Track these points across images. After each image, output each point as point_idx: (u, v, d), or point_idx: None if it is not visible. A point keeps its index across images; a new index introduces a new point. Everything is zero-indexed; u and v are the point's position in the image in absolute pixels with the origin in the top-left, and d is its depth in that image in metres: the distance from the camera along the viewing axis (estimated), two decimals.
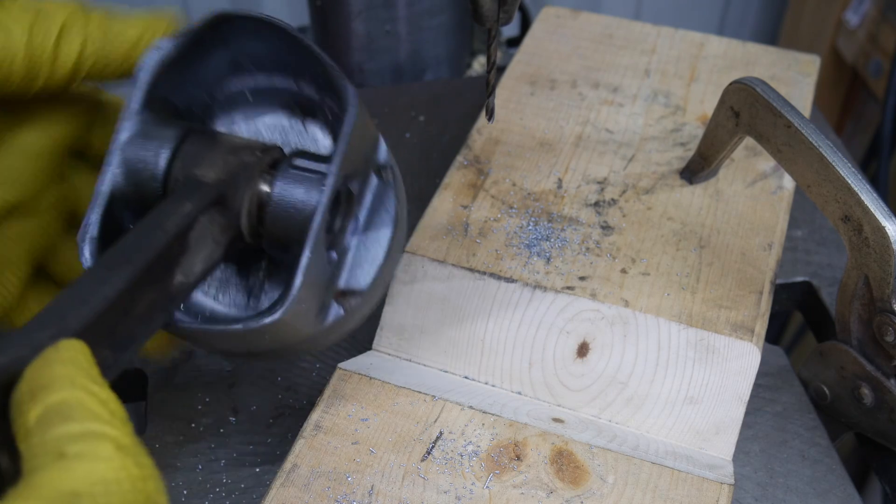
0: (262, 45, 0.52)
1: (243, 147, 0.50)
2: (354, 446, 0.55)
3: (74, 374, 0.33)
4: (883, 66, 1.45)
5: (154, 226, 0.44)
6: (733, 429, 0.58)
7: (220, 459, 0.60)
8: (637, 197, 0.68)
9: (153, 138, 0.49)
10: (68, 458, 0.30)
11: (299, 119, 0.55)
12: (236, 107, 0.55)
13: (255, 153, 0.50)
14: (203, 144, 0.50)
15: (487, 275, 0.62)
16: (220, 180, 0.48)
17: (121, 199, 0.50)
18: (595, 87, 0.78)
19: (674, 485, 0.54)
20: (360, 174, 0.52)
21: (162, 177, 0.49)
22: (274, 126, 0.55)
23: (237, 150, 0.50)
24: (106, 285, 0.40)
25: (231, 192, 0.48)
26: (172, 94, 0.52)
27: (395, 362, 0.62)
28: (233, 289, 0.54)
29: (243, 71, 0.54)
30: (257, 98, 0.55)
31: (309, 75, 0.54)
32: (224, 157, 0.49)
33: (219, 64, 0.53)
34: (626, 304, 0.60)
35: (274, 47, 0.52)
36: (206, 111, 0.54)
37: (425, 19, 0.96)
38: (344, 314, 0.51)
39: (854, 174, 0.55)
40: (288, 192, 0.49)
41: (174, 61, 0.50)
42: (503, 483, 0.54)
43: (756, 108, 0.60)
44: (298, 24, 1.18)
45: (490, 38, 0.60)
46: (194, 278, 0.47)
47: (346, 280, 0.52)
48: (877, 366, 0.59)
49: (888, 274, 0.55)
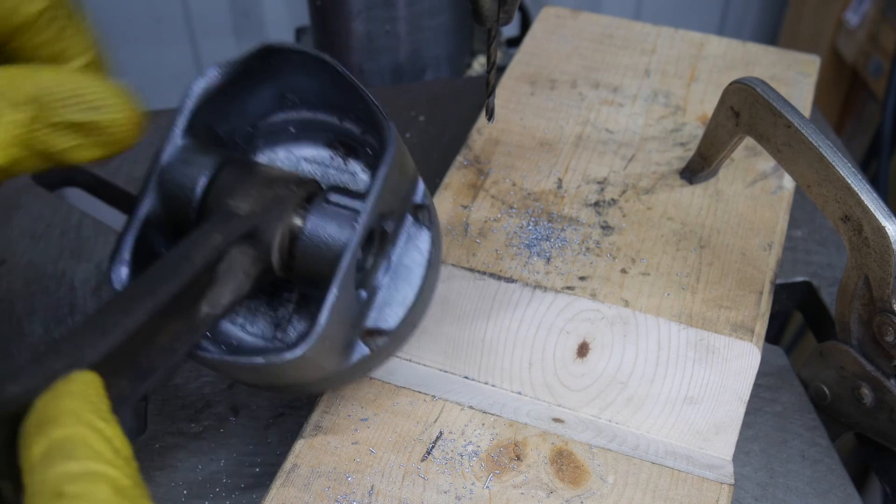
0: (308, 78, 0.52)
1: (279, 179, 0.50)
2: (354, 446, 0.55)
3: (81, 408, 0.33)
4: (883, 66, 1.45)
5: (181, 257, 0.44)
6: (733, 429, 0.58)
7: (220, 459, 0.60)
8: (637, 197, 0.68)
9: (192, 165, 0.49)
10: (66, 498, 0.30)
11: (340, 155, 0.55)
12: (279, 139, 0.55)
13: (290, 187, 0.49)
14: (239, 174, 0.49)
15: (487, 275, 0.62)
16: (252, 212, 0.48)
17: (155, 222, 0.49)
18: (595, 87, 0.78)
19: (674, 485, 0.54)
20: (396, 213, 0.52)
21: (197, 205, 0.49)
22: (314, 160, 0.55)
23: (272, 183, 0.49)
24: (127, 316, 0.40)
25: (263, 225, 0.48)
26: (216, 123, 0.52)
27: (395, 362, 0.62)
28: (261, 319, 0.54)
29: (288, 104, 0.54)
30: (300, 131, 0.55)
31: (352, 111, 0.54)
32: (259, 188, 0.49)
33: (265, 96, 0.53)
34: (626, 304, 0.60)
35: (319, 81, 0.52)
36: (248, 141, 0.54)
37: (425, 19, 0.96)
38: (370, 353, 0.51)
39: (854, 174, 0.55)
40: (320, 228, 0.49)
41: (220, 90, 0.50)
42: (503, 483, 0.54)
43: (756, 108, 0.60)
44: (298, 25, 1.18)
45: (490, 38, 0.60)
46: (221, 310, 0.46)
47: (375, 319, 0.52)
48: (877, 366, 0.59)
49: (888, 274, 0.55)
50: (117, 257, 0.48)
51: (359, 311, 0.51)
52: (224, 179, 0.49)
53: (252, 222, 0.48)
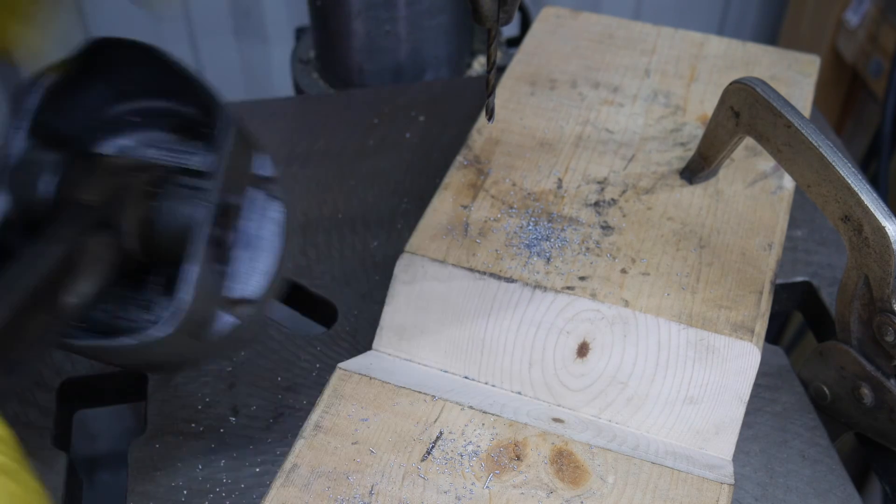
0: (143, 69, 0.54)
1: (124, 168, 0.52)
2: (354, 446, 0.55)
3: None
4: (883, 66, 1.45)
5: (37, 252, 0.46)
6: (733, 429, 0.58)
7: (220, 459, 0.60)
8: (637, 197, 0.68)
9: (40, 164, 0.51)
10: None
11: (185, 139, 0.57)
12: (123, 129, 0.57)
13: (136, 174, 0.52)
14: (86, 167, 0.52)
15: (487, 275, 0.62)
16: (102, 202, 0.50)
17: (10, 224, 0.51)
18: (595, 87, 0.78)
19: (674, 485, 0.54)
20: (241, 188, 0.54)
21: (51, 202, 0.51)
22: (160, 145, 0.57)
23: (118, 172, 0.52)
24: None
25: (115, 213, 0.50)
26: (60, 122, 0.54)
27: (395, 362, 0.62)
28: (132, 305, 0.55)
29: (129, 96, 0.56)
30: (144, 120, 0.57)
31: (191, 98, 0.56)
32: (106, 179, 0.51)
33: (104, 89, 0.55)
34: (626, 304, 0.60)
35: (154, 70, 0.54)
36: (92, 135, 0.56)
37: (425, 19, 0.96)
38: (239, 323, 0.53)
39: (854, 174, 0.55)
40: (172, 209, 0.51)
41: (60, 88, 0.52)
42: (503, 483, 0.54)
43: (756, 108, 0.60)
44: (298, 25, 1.18)
45: (490, 38, 0.60)
46: (85, 298, 0.48)
47: (240, 290, 0.53)
48: (877, 366, 0.59)
49: (888, 274, 0.55)
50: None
51: (218, 283, 0.53)
52: (72, 175, 0.51)
53: (102, 211, 0.50)
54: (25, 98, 0.52)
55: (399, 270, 0.63)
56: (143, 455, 0.60)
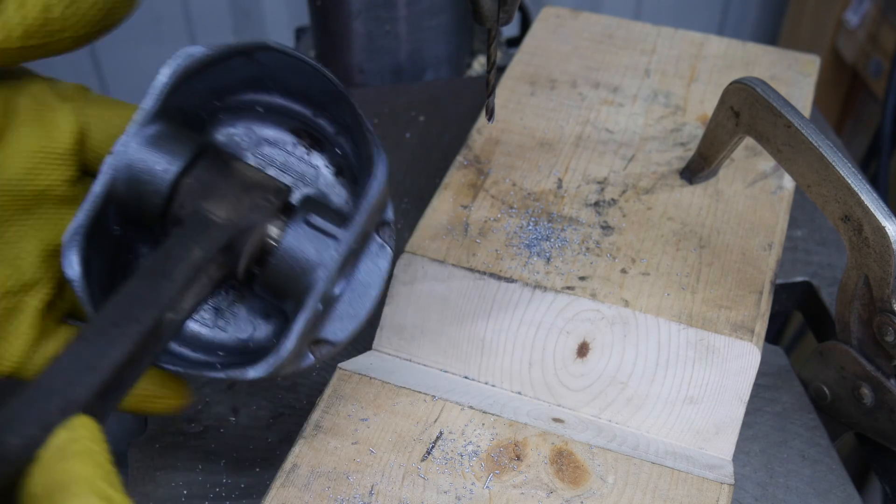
0: (297, 77, 0.51)
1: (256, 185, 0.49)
2: (354, 446, 0.55)
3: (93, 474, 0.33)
4: (883, 66, 1.45)
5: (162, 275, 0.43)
6: (733, 429, 0.58)
7: (220, 459, 0.60)
8: (637, 197, 0.68)
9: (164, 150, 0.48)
10: None
11: (304, 145, 0.54)
12: (243, 115, 0.54)
13: (267, 197, 0.48)
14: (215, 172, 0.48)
15: (487, 275, 0.62)
16: (229, 221, 0.47)
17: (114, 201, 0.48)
18: (595, 87, 0.78)
19: (674, 485, 0.54)
20: (368, 236, 0.52)
21: (167, 192, 0.48)
22: (276, 143, 0.54)
23: (250, 189, 0.48)
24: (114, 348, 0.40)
25: (239, 236, 0.47)
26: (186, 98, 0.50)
27: (395, 362, 0.62)
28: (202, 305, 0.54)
29: (264, 89, 0.53)
30: (268, 114, 0.54)
31: (331, 114, 0.53)
32: (236, 193, 0.48)
33: (243, 77, 0.52)
34: (626, 304, 0.60)
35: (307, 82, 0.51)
36: (212, 115, 0.53)
37: (425, 19, 0.96)
38: (312, 361, 0.51)
39: (854, 174, 0.55)
40: (297, 248, 0.48)
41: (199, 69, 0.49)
42: (503, 483, 0.54)
43: (756, 108, 0.60)
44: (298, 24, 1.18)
45: (490, 38, 0.60)
46: (185, 315, 0.46)
47: (325, 331, 0.51)
48: (877, 366, 0.59)
49: (888, 274, 0.55)
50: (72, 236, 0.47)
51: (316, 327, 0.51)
52: (199, 175, 0.48)
53: (229, 234, 0.47)
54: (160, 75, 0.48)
55: (399, 270, 0.63)
56: (143, 455, 0.60)
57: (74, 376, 0.38)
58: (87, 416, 0.36)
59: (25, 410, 0.36)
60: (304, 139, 0.54)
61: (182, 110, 0.50)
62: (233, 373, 0.48)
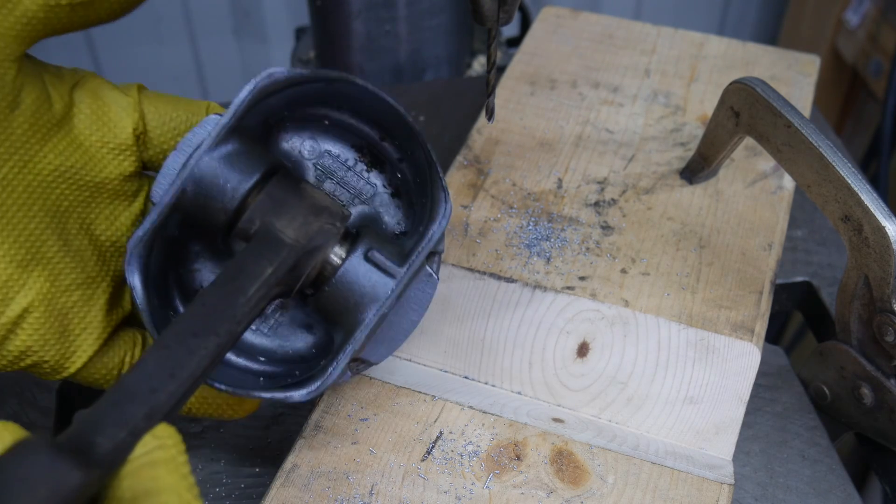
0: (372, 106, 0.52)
1: (325, 209, 0.50)
2: (354, 446, 0.55)
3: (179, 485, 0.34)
4: (883, 66, 1.45)
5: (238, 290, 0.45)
6: (733, 429, 0.58)
7: (220, 459, 0.60)
8: (637, 197, 0.68)
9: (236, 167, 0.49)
10: None
11: (365, 162, 0.56)
12: (309, 126, 0.55)
13: (334, 222, 0.50)
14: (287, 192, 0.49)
15: (487, 275, 0.62)
16: (297, 242, 0.48)
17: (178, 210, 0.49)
18: (595, 87, 0.78)
19: (674, 485, 0.54)
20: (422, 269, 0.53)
21: (235, 208, 0.49)
22: (338, 157, 0.55)
23: (319, 212, 0.49)
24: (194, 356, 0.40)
25: (305, 257, 0.48)
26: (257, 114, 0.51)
27: (395, 362, 0.62)
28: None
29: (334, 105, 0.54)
30: (333, 128, 0.55)
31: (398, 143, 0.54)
32: (305, 215, 0.49)
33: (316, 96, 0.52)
34: (626, 304, 0.60)
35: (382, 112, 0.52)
36: (280, 122, 0.54)
37: (425, 19, 0.97)
38: (349, 377, 0.53)
39: (854, 174, 0.55)
40: (356, 279, 0.50)
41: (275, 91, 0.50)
42: (503, 483, 0.54)
43: (756, 108, 0.60)
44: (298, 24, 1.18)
45: (490, 38, 0.60)
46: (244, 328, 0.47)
47: (366, 352, 0.53)
48: (877, 366, 0.59)
49: (888, 274, 0.55)
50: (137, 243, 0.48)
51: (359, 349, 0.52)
52: (272, 194, 0.49)
53: (297, 254, 0.48)
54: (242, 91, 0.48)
55: None
56: None
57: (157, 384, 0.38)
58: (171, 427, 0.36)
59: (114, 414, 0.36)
60: (366, 157, 0.56)
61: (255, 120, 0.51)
62: (277, 395, 0.49)
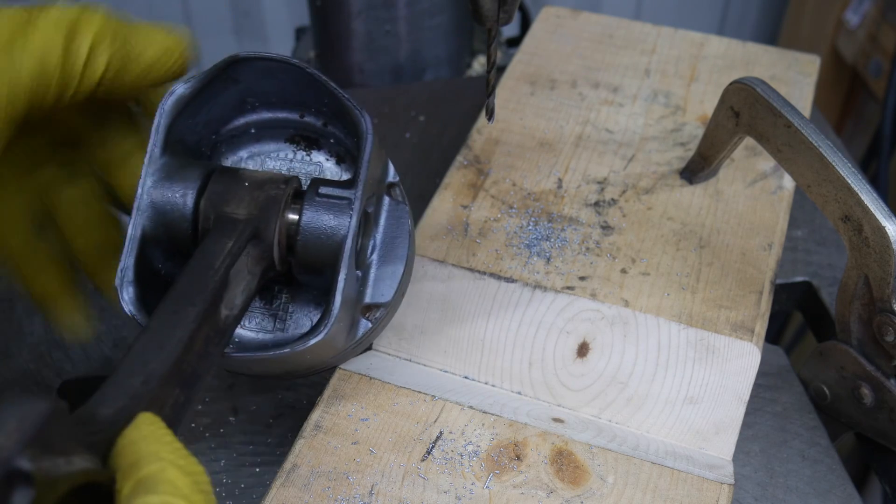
0: (271, 81, 0.54)
1: (266, 181, 0.52)
2: (354, 446, 0.55)
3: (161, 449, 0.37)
4: (883, 66, 1.45)
5: (204, 266, 0.47)
6: (733, 429, 0.58)
7: (220, 459, 0.60)
8: (637, 197, 0.68)
9: (177, 181, 0.52)
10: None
11: (302, 148, 0.58)
12: (241, 141, 0.58)
13: (279, 186, 0.52)
14: (228, 182, 0.52)
15: (487, 275, 0.62)
16: (251, 215, 0.51)
17: (151, 239, 0.52)
18: (595, 87, 0.78)
19: (674, 485, 0.54)
20: (376, 196, 0.55)
21: (191, 216, 0.52)
22: (278, 156, 0.58)
23: (262, 185, 0.52)
24: (177, 328, 0.43)
25: (263, 225, 0.51)
26: (185, 135, 0.54)
27: (395, 362, 0.62)
28: (257, 314, 0.57)
29: (249, 109, 0.56)
30: (260, 131, 0.58)
31: (313, 107, 0.56)
32: (251, 192, 0.52)
33: (228, 103, 0.55)
34: (626, 304, 0.60)
35: (282, 83, 0.54)
36: (213, 148, 0.57)
37: (425, 19, 0.97)
38: (371, 326, 0.55)
39: (854, 174, 0.55)
40: (317, 220, 0.52)
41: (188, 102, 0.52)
42: (503, 483, 0.54)
43: (756, 108, 0.60)
44: (298, 24, 1.18)
45: (490, 38, 0.60)
46: (238, 311, 0.49)
47: (372, 295, 0.55)
48: (877, 366, 0.59)
49: (888, 274, 0.55)
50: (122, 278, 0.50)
51: (358, 289, 0.54)
52: (214, 189, 0.52)
53: (254, 224, 0.50)
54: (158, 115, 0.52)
55: None
56: None
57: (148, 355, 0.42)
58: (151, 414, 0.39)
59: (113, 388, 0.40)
60: (300, 143, 0.58)
61: (186, 147, 0.54)
62: (296, 346, 0.50)
